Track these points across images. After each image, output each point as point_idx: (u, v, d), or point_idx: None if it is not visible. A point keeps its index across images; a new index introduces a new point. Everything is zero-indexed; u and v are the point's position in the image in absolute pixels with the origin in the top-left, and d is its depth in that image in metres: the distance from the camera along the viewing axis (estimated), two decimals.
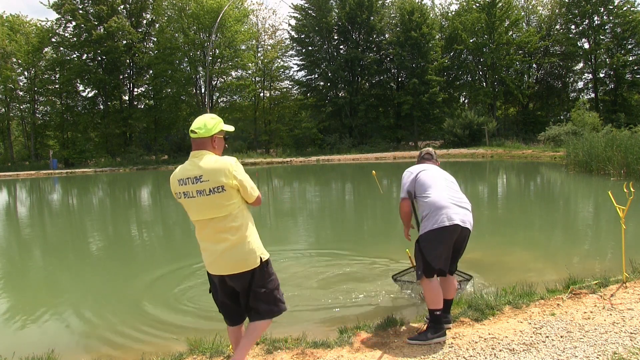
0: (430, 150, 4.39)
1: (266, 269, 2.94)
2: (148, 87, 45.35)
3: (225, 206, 2.77)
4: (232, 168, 2.78)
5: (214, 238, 2.82)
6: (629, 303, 4.10)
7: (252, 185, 2.87)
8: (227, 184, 2.74)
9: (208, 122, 2.87)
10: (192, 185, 2.77)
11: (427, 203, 3.74)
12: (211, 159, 2.79)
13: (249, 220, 2.93)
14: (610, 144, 16.95)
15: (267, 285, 2.93)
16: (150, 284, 6.38)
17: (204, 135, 2.83)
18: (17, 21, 43.35)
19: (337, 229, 10.48)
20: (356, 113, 42.49)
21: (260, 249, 2.93)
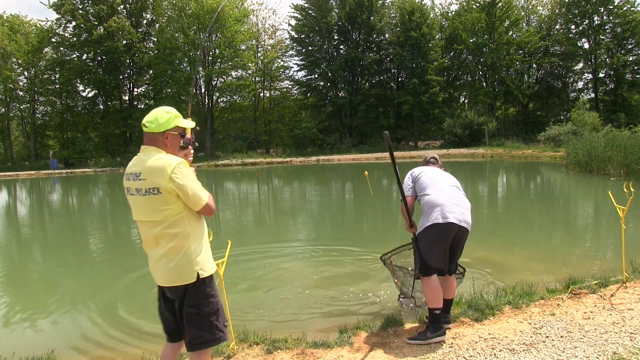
0: (436, 155, 4.40)
1: (203, 288, 2.54)
2: (148, 87, 45.37)
3: (160, 210, 2.47)
4: (171, 170, 2.44)
5: (152, 242, 2.57)
6: (629, 303, 4.10)
7: (195, 192, 2.50)
8: (163, 186, 2.43)
9: (160, 116, 2.59)
10: (132, 182, 2.54)
11: (424, 202, 3.77)
12: (154, 157, 2.50)
13: (195, 229, 2.56)
14: (610, 144, 16.96)
15: (200, 307, 2.53)
16: (150, 283, 6.38)
17: (155, 130, 2.56)
18: (17, 21, 43.37)
19: (337, 228, 10.48)
20: (356, 113, 42.50)
21: (201, 264, 2.54)
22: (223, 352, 3.62)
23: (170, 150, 2.60)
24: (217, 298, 2.63)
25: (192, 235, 2.53)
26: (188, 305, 2.53)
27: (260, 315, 4.84)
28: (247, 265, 6.85)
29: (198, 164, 36.01)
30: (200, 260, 2.54)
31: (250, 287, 5.85)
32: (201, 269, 2.53)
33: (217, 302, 2.62)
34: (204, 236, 2.64)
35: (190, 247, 2.52)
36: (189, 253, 2.51)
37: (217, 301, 2.62)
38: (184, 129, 2.71)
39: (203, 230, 2.64)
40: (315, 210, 13.60)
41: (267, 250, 7.91)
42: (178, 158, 2.54)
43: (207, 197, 2.56)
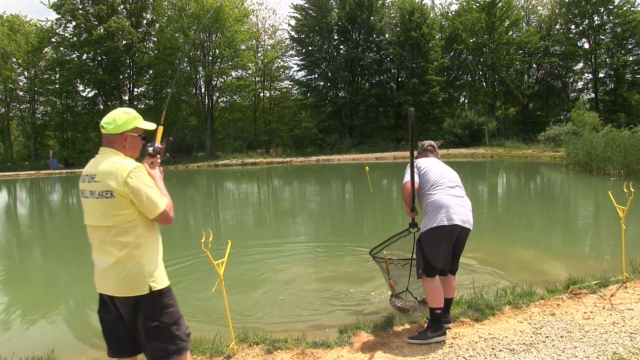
0: (432, 142, 4.29)
1: (160, 300, 2.45)
2: (148, 87, 45.38)
3: (112, 215, 2.36)
4: (126, 174, 2.33)
5: (101, 249, 2.43)
6: (629, 303, 4.10)
7: (151, 198, 2.38)
8: (116, 190, 2.33)
9: (119, 117, 2.47)
10: (87, 184, 2.44)
11: (429, 202, 3.73)
12: (111, 160, 2.40)
13: (148, 238, 2.45)
14: (610, 144, 16.96)
15: (160, 318, 2.43)
16: None
17: (113, 131, 2.45)
18: (17, 21, 43.39)
19: (337, 228, 10.48)
20: (356, 113, 42.51)
21: (154, 276, 2.43)
22: (223, 352, 3.62)
23: (130, 152, 2.51)
24: (176, 307, 2.53)
25: (144, 245, 2.42)
26: (147, 318, 2.42)
27: (260, 315, 4.84)
28: (247, 265, 6.85)
29: (198, 164, 36.07)
30: (152, 271, 2.44)
31: (250, 287, 5.85)
32: (154, 281, 2.42)
33: (177, 311, 2.53)
34: (158, 247, 2.54)
35: (142, 257, 2.41)
36: (141, 264, 2.40)
37: (176, 310, 2.53)
38: (144, 131, 2.59)
39: (157, 241, 2.54)
40: (315, 210, 13.61)
41: (267, 250, 7.91)
42: (135, 162, 2.44)
43: (165, 205, 2.44)
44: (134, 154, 2.54)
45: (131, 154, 2.52)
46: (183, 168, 34.81)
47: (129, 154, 2.50)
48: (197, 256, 7.14)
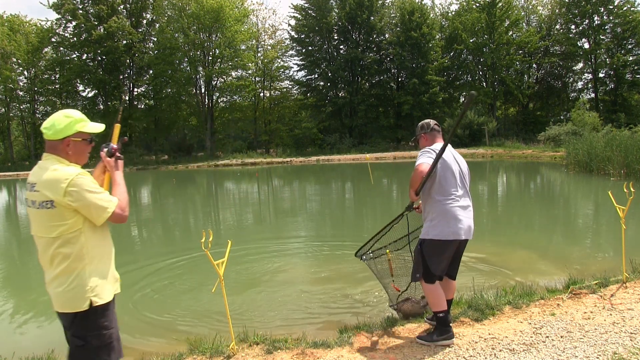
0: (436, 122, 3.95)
1: (94, 318, 2.24)
2: (148, 87, 45.38)
3: (53, 226, 2.21)
4: (67, 183, 2.17)
5: (45, 261, 2.28)
6: (629, 303, 4.10)
7: (97, 204, 2.23)
8: (57, 200, 2.18)
9: (58, 121, 2.28)
10: (29, 192, 2.28)
11: (437, 209, 3.54)
12: (51, 167, 2.24)
13: (95, 248, 2.29)
14: (610, 144, 16.96)
15: (88, 338, 2.22)
16: (149, 283, 6.38)
17: (53, 137, 2.27)
18: (17, 21, 43.37)
19: (337, 228, 10.49)
20: (356, 113, 42.51)
21: (96, 291, 2.24)
22: (223, 352, 3.62)
23: (74, 159, 2.33)
24: (111, 331, 2.29)
25: (88, 256, 2.26)
26: (74, 335, 2.24)
27: (260, 315, 4.84)
28: (247, 265, 6.85)
29: (198, 164, 36.06)
30: (95, 285, 2.25)
31: (250, 287, 5.85)
32: (95, 295, 2.24)
33: (110, 336, 2.28)
34: (105, 258, 2.36)
35: (85, 269, 2.24)
36: (83, 277, 2.23)
37: (109, 334, 2.28)
38: (90, 135, 2.40)
39: (104, 251, 2.36)
40: (315, 209, 13.61)
41: (267, 250, 7.91)
42: (77, 169, 2.27)
43: (115, 206, 2.29)
44: (79, 160, 2.37)
45: (76, 160, 2.34)
46: (183, 168, 34.80)
47: (73, 160, 2.33)
48: (197, 256, 7.14)
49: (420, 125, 3.88)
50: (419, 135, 3.87)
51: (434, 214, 3.57)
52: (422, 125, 3.87)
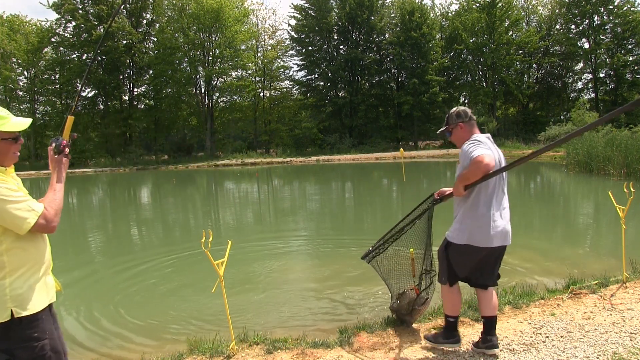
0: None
1: (19, 330, 2.06)
2: (148, 87, 45.39)
3: None
4: None
5: None
6: (629, 303, 4.10)
7: (15, 214, 2.04)
8: None
9: None
10: None
11: (473, 210, 3.15)
12: None
13: (14, 259, 2.09)
14: (610, 144, 16.96)
15: (15, 351, 2.05)
16: (149, 283, 6.38)
17: None
18: (17, 21, 43.40)
19: (337, 228, 10.48)
20: (356, 113, 42.52)
21: (18, 301, 2.06)
22: (223, 352, 3.62)
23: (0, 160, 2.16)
24: (43, 342, 2.10)
25: (9, 265, 2.07)
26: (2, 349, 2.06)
27: (260, 315, 4.84)
28: (247, 265, 6.85)
29: (198, 164, 36.07)
30: (17, 295, 2.06)
31: (250, 287, 5.85)
32: (17, 306, 2.05)
33: (43, 348, 2.09)
34: (35, 267, 2.16)
35: (5, 279, 2.05)
36: (3, 285, 2.04)
37: (42, 346, 2.09)
38: (16, 133, 2.20)
39: (32, 259, 2.15)
40: (315, 209, 13.60)
41: (267, 250, 7.91)
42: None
43: (37, 216, 2.08)
44: (4, 162, 2.19)
45: (1, 160, 2.18)
46: (183, 168, 34.80)
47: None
48: (197, 255, 7.14)
49: (457, 113, 3.33)
50: (455, 125, 3.32)
51: (465, 214, 3.19)
52: (458, 113, 3.33)
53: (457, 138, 3.35)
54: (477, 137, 3.21)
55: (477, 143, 3.13)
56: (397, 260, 3.98)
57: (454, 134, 3.36)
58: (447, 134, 3.42)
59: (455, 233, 3.23)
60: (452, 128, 3.34)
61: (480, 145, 3.10)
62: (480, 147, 3.07)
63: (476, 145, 3.11)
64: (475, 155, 3.00)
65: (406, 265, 3.94)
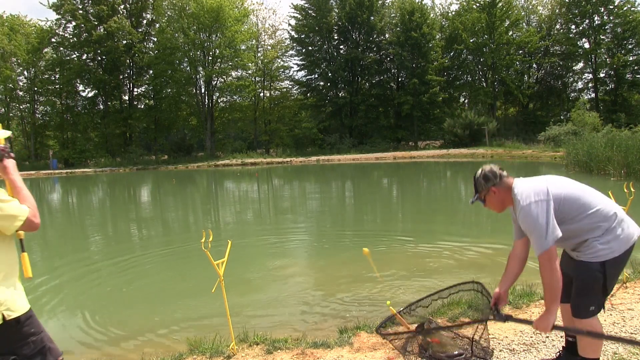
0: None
1: (18, 329, 2.13)
2: (148, 87, 45.43)
3: None
4: None
5: None
6: (629, 303, 4.10)
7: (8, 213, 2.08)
8: None
9: None
10: None
11: (597, 216, 2.59)
12: None
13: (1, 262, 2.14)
14: (610, 144, 16.96)
15: (19, 350, 2.13)
16: (149, 283, 6.38)
17: None
18: (17, 21, 43.43)
19: (337, 228, 10.47)
20: (356, 113, 42.54)
21: (7, 305, 2.10)
22: (223, 352, 3.61)
23: None
24: (40, 335, 2.20)
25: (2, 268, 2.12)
26: (1, 353, 2.13)
27: (260, 315, 4.84)
28: (247, 265, 6.85)
29: (198, 164, 36.08)
30: (4, 299, 2.10)
31: (250, 287, 5.85)
32: (7, 309, 2.09)
33: (41, 339, 2.20)
34: (13, 270, 2.19)
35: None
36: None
37: (40, 338, 2.20)
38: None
39: (10, 262, 2.18)
40: (315, 209, 13.60)
41: (267, 250, 7.91)
42: None
43: (26, 213, 2.12)
44: None
45: None
46: (183, 168, 34.81)
47: None
48: (197, 255, 7.13)
49: (484, 176, 2.77)
50: (487, 190, 2.77)
51: (597, 228, 2.60)
52: (485, 176, 2.77)
53: (495, 204, 2.79)
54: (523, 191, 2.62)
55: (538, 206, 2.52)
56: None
57: (488, 201, 2.80)
58: (480, 202, 2.86)
59: (604, 245, 2.57)
60: (485, 195, 2.80)
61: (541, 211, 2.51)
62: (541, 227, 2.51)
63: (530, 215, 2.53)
64: (544, 250, 2.52)
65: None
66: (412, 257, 6.90)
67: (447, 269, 6.05)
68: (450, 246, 7.22)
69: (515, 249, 2.89)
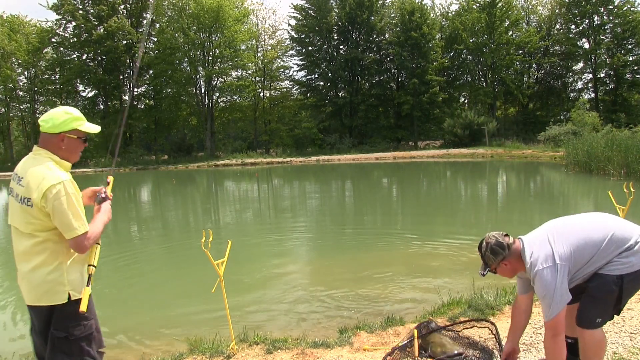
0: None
1: (74, 310, 2.24)
2: (148, 87, 45.40)
3: (30, 223, 2.24)
4: (48, 187, 2.18)
5: (21, 254, 2.30)
6: (629, 303, 4.09)
7: (66, 222, 2.20)
8: (34, 201, 2.20)
9: (57, 116, 2.32)
10: (15, 183, 2.34)
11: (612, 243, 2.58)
12: (42, 165, 2.27)
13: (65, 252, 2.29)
14: (610, 144, 16.96)
15: (70, 329, 2.26)
16: (149, 283, 6.38)
17: (49, 130, 2.30)
18: (17, 21, 43.40)
19: (337, 228, 10.47)
20: (356, 113, 42.53)
21: (74, 285, 2.28)
22: (223, 352, 3.62)
23: (66, 154, 2.37)
24: (91, 322, 2.36)
25: (64, 252, 2.28)
26: (55, 328, 2.27)
27: (260, 315, 4.84)
28: (247, 265, 6.85)
29: (198, 164, 36.07)
30: (73, 279, 2.29)
31: (250, 287, 5.85)
32: (73, 289, 2.28)
33: (91, 327, 2.35)
34: (81, 256, 2.35)
35: (62, 264, 2.27)
36: (61, 270, 2.26)
37: (90, 325, 2.35)
38: (85, 134, 2.43)
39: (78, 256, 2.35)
40: (315, 209, 13.60)
41: (267, 250, 7.91)
42: (66, 175, 2.29)
43: (83, 232, 2.24)
44: (71, 157, 2.41)
45: (67, 156, 2.38)
46: (183, 168, 34.81)
47: (64, 155, 2.36)
48: (197, 255, 7.13)
49: (492, 251, 2.69)
50: (498, 264, 2.71)
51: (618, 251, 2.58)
52: (493, 250, 2.69)
53: (507, 273, 2.76)
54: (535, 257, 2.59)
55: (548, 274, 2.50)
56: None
57: (499, 272, 2.76)
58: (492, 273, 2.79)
59: (628, 264, 2.53)
60: (494, 269, 2.74)
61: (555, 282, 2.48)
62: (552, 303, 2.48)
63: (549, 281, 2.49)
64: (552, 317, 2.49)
65: None
66: (412, 256, 6.91)
67: (447, 269, 6.05)
68: (450, 246, 7.22)
69: (520, 303, 2.90)
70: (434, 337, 3.15)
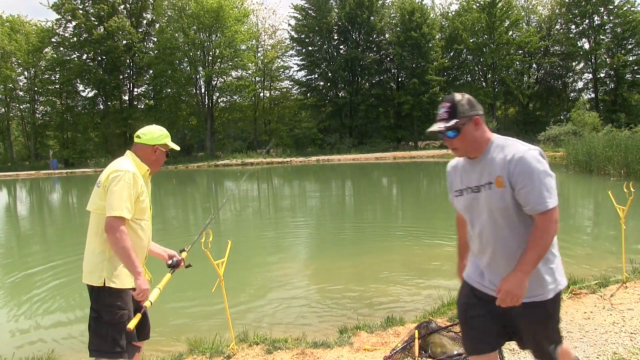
0: None
1: (108, 295, 2.44)
2: (148, 87, 45.41)
3: (94, 203, 2.54)
4: (112, 171, 2.52)
5: (88, 234, 2.59)
6: (629, 303, 4.10)
7: (113, 200, 2.41)
8: (102, 182, 2.53)
9: (155, 131, 2.72)
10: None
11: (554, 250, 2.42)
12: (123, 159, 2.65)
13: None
14: (610, 144, 16.96)
15: (101, 312, 2.44)
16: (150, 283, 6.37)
17: (147, 142, 2.66)
18: (17, 21, 43.42)
19: (337, 228, 10.47)
20: (356, 113, 42.53)
21: (110, 273, 2.45)
22: (223, 352, 3.62)
23: (152, 163, 2.70)
24: (123, 312, 2.46)
25: None
26: (92, 307, 2.49)
27: (260, 315, 4.84)
28: (247, 265, 6.85)
29: (198, 163, 36.08)
30: (114, 268, 2.47)
31: (250, 287, 5.85)
32: (109, 277, 2.44)
33: (122, 316, 2.45)
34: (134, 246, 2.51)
35: (105, 251, 2.48)
36: (103, 256, 2.48)
37: (122, 315, 2.45)
38: (170, 149, 2.78)
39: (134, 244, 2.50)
40: (315, 209, 13.60)
41: (267, 250, 7.91)
42: (132, 168, 2.55)
43: (120, 215, 2.40)
44: (154, 166, 2.72)
45: (152, 164, 2.70)
46: (183, 168, 34.82)
47: (150, 164, 2.68)
48: (196, 255, 7.13)
49: (468, 102, 2.00)
50: (469, 119, 2.00)
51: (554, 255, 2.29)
52: (470, 101, 2.01)
53: (469, 141, 2.04)
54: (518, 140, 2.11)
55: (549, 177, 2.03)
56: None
57: (464, 133, 2.01)
58: (450, 133, 2.00)
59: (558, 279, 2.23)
60: (464, 124, 1.99)
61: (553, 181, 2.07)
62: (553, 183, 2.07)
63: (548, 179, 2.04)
64: (552, 207, 2.08)
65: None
66: (412, 256, 6.91)
67: (448, 269, 6.04)
68: (450, 245, 7.22)
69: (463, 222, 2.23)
70: (434, 338, 3.15)
